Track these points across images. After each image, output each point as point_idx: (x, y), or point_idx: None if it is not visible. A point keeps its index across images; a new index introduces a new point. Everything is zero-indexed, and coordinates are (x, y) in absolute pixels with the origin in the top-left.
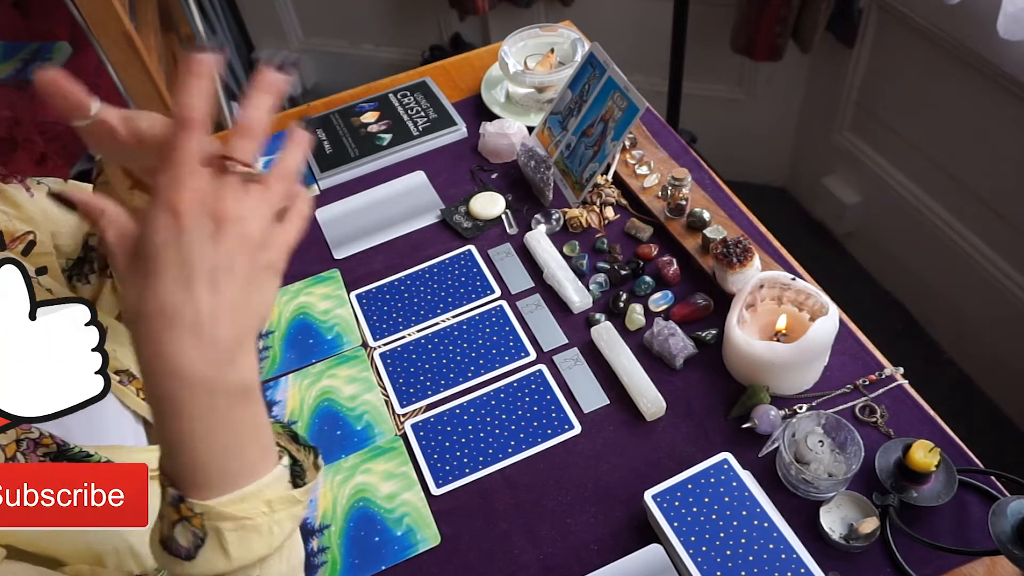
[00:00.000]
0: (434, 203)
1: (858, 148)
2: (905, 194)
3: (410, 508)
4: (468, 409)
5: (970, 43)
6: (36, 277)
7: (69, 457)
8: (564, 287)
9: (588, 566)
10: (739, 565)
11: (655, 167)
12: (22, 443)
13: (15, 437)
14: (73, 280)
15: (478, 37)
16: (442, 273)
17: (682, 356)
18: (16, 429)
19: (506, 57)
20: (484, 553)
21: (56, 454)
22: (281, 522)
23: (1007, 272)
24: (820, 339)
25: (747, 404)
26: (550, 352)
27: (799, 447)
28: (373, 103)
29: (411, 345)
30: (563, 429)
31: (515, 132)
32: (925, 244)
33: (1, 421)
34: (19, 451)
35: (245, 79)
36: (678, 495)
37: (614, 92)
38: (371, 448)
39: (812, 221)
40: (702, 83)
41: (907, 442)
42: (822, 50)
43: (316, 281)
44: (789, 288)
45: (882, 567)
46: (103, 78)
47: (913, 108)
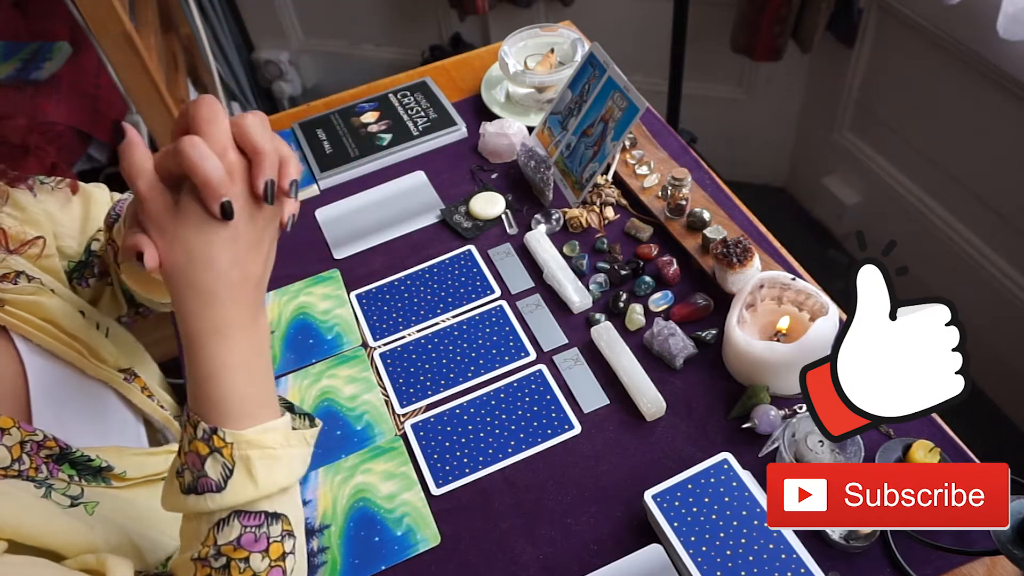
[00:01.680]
0: (434, 203)
1: (858, 148)
2: (905, 194)
3: (410, 508)
4: (468, 409)
5: (970, 43)
6: (38, 279)
7: (71, 460)
8: (564, 287)
9: (588, 566)
10: (739, 565)
11: (655, 167)
12: (26, 444)
13: (19, 439)
14: (73, 283)
15: (478, 37)
16: (442, 273)
17: (682, 356)
18: (20, 432)
19: (506, 57)
20: (484, 553)
21: (58, 456)
22: (294, 459)
23: (1007, 272)
24: (820, 339)
25: (747, 404)
26: (550, 352)
27: (799, 447)
28: (373, 103)
29: (411, 345)
30: (563, 429)
31: (515, 132)
32: (925, 244)
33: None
34: (24, 452)
35: (245, 79)
36: (678, 495)
37: (614, 92)
38: (371, 448)
39: (812, 221)
40: (702, 83)
41: (907, 442)
42: (822, 50)
43: (316, 281)
44: (789, 288)
45: (882, 567)
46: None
47: (913, 108)
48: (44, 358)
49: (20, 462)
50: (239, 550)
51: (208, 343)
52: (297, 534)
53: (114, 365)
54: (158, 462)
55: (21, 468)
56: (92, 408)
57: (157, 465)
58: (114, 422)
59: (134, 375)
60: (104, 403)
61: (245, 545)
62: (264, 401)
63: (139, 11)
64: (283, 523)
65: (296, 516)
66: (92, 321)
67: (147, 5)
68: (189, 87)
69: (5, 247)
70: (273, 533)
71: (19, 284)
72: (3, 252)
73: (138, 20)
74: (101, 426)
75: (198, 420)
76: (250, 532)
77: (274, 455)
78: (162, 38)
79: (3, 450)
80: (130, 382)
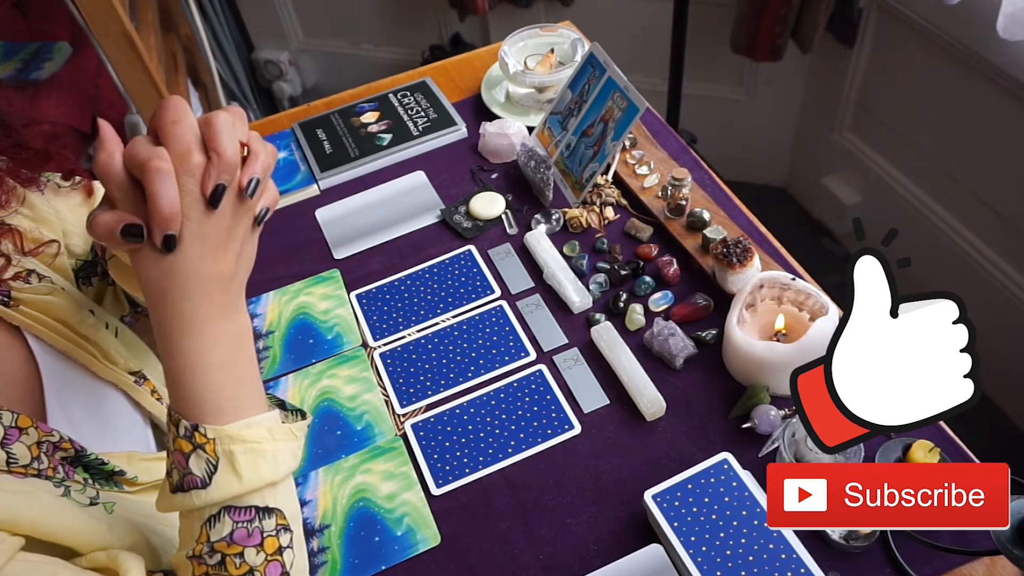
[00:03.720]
0: (434, 203)
1: (858, 148)
2: (905, 194)
3: (410, 508)
4: (468, 409)
5: (970, 43)
6: (49, 278)
7: (85, 463)
8: (564, 287)
9: (588, 566)
10: (739, 565)
11: (655, 167)
12: (43, 445)
13: (37, 439)
14: (79, 281)
15: (478, 37)
16: (442, 273)
17: (682, 356)
18: (37, 432)
19: (506, 57)
20: (484, 553)
21: (73, 459)
22: (281, 452)
23: (1007, 272)
24: (820, 339)
25: (747, 404)
26: (550, 352)
27: (799, 447)
28: (373, 103)
29: (411, 345)
30: (563, 429)
31: (515, 132)
32: (925, 244)
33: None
34: (41, 452)
35: (245, 79)
36: (678, 495)
37: (614, 92)
38: (371, 448)
39: (812, 221)
40: (702, 83)
41: (907, 442)
42: (822, 50)
43: (316, 281)
44: (789, 288)
45: (882, 567)
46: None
47: (913, 108)
48: (56, 358)
49: (39, 461)
50: (232, 545)
51: (178, 339)
52: (294, 528)
53: (124, 367)
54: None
55: (40, 468)
56: (101, 410)
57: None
58: (122, 424)
59: (144, 378)
60: (113, 405)
61: (238, 540)
62: (246, 397)
63: (139, 11)
64: (277, 517)
65: (291, 510)
66: (101, 321)
67: (147, 5)
68: (189, 87)
69: (21, 249)
70: (267, 528)
71: (32, 284)
72: (19, 254)
73: (138, 20)
74: (110, 428)
75: (179, 418)
76: (242, 527)
77: (258, 449)
78: (162, 38)
79: (23, 448)
80: (140, 385)
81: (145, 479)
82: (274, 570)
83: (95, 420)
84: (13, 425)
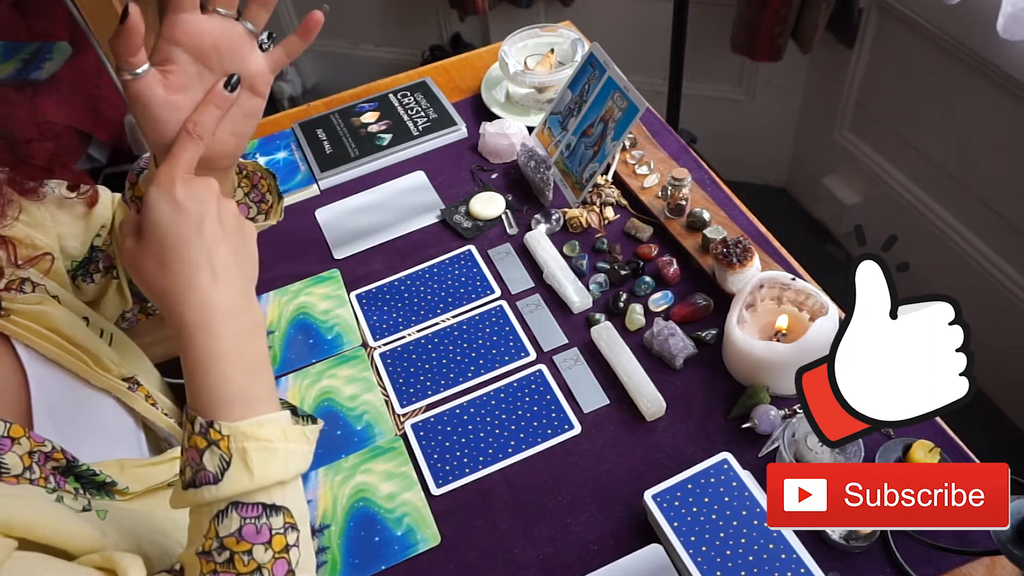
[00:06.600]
0: (434, 203)
1: (858, 148)
2: (905, 194)
3: (410, 508)
4: (468, 409)
5: (970, 43)
6: (43, 286)
7: (76, 473)
8: (564, 287)
9: (588, 566)
10: (739, 565)
11: (655, 167)
12: (35, 455)
13: (28, 449)
14: (78, 280)
15: (478, 37)
16: (442, 273)
17: (682, 356)
18: (29, 442)
19: (506, 57)
20: (484, 553)
21: (65, 469)
22: (293, 453)
23: (1007, 272)
24: (820, 339)
25: (747, 404)
26: (550, 352)
27: (799, 447)
28: (373, 103)
29: (411, 345)
30: (563, 429)
31: (515, 132)
32: (925, 244)
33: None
34: (33, 462)
35: None
36: (678, 495)
37: (614, 92)
38: (371, 448)
39: (812, 221)
40: (702, 83)
41: (907, 442)
42: (822, 50)
43: (316, 281)
44: (789, 288)
45: (882, 567)
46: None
47: (913, 108)
48: (46, 367)
49: (31, 471)
50: (241, 542)
51: (193, 331)
52: (301, 527)
53: (117, 373)
54: (161, 471)
55: (32, 477)
56: (91, 417)
57: (160, 474)
58: (113, 431)
59: (137, 383)
60: (104, 412)
61: (247, 537)
62: (260, 394)
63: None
64: (285, 515)
65: (299, 510)
66: (96, 328)
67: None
68: None
69: (14, 262)
70: (275, 525)
71: (24, 293)
72: (11, 267)
73: None
74: (100, 435)
75: (195, 416)
76: (250, 524)
77: (271, 448)
78: None
79: (15, 458)
80: (133, 391)
81: (137, 488)
82: (281, 568)
83: (85, 427)
84: (5, 435)
